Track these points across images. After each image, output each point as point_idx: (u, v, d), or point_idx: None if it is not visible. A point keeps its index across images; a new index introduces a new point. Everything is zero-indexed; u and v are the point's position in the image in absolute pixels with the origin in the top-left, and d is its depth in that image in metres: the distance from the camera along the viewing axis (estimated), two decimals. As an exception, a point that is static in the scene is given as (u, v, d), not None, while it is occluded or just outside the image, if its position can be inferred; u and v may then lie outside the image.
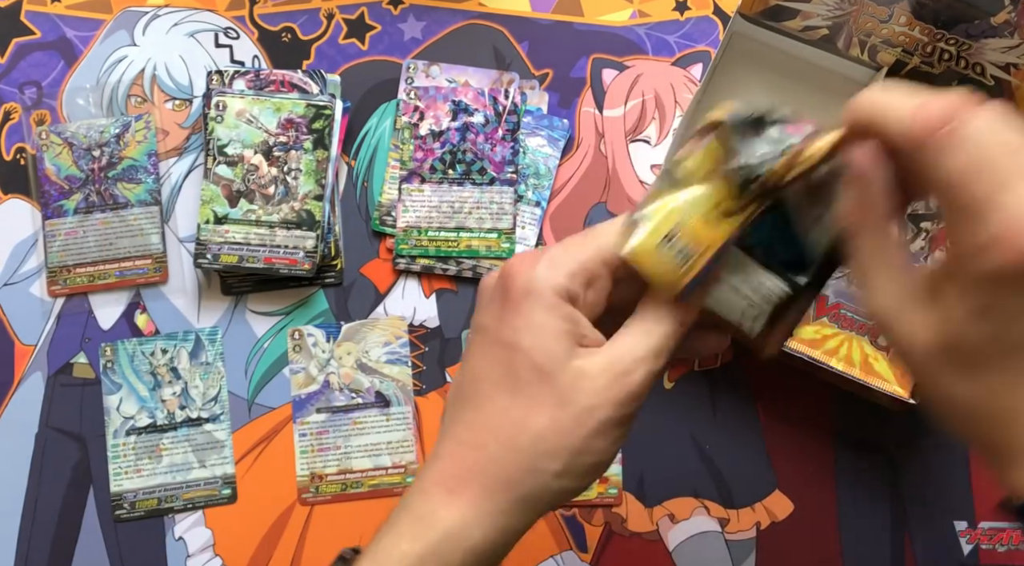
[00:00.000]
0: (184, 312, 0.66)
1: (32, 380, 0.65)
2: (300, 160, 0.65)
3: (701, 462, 0.65)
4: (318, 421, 0.65)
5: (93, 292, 0.66)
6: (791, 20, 0.64)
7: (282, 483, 0.64)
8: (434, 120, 0.67)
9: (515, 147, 0.67)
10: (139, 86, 0.69)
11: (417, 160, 0.67)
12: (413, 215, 0.67)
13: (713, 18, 0.70)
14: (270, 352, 0.66)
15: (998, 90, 0.62)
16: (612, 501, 0.64)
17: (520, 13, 0.70)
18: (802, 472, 0.65)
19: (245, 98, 0.66)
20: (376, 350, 0.66)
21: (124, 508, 0.64)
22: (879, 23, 0.62)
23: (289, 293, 0.67)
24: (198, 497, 0.64)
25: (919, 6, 0.59)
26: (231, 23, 0.70)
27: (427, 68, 0.69)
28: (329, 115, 0.66)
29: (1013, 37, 0.58)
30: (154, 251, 0.67)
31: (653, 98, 0.69)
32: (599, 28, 0.70)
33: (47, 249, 0.66)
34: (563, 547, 0.64)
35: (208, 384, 0.65)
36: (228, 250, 0.64)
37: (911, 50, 0.62)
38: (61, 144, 0.67)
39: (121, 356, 0.65)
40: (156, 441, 0.65)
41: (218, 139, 0.65)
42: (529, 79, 0.69)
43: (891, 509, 0.65)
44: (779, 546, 0.64)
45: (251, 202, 0.65)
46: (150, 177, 0.67)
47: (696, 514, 0.64)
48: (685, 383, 0.66)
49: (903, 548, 0.64)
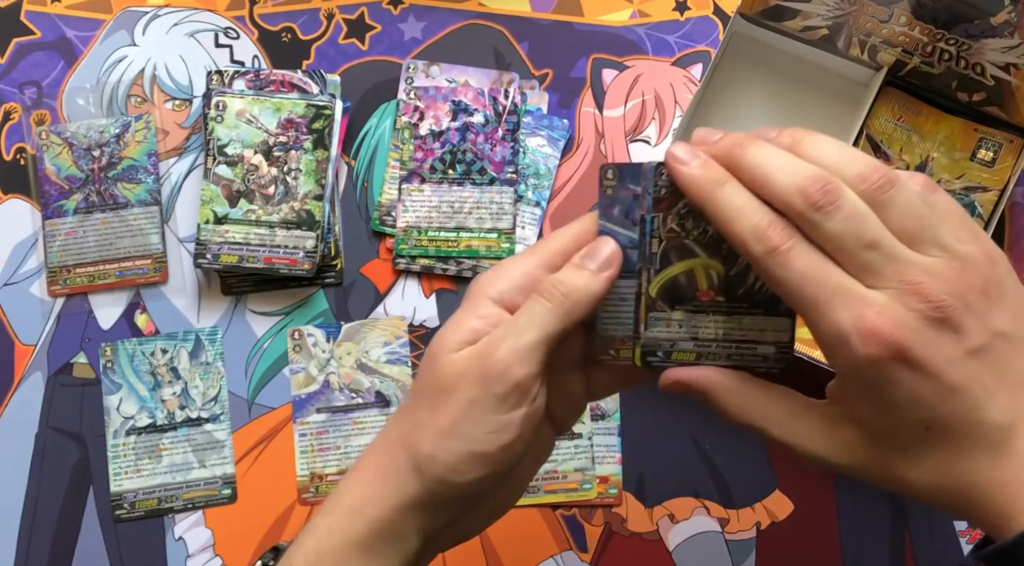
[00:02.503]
0: (184, 312, 0.66)
1: (32, 380, 0.65)
2: (300, 160, 0.65)
3: (701, 462, 0.65)
4: (318, 421, 0.65)
5: (93, 292, 0.66)
6: (791, 20, 0.64)
7: (282, 483, 0.64)
8: (434, 120, 0.68)
9: (515, 147, 0.67)
10: (139, 86, 0.69)
11: (417, 160, 0.67)
12: (413, 215, 0.67)
13: (713, 18, 0.70)
14: (270, 352, 0.66)
15: (998, 90, 0.62)
16: (612, 501, 0.64)
17: (520, 13, 0.70)
18: (802, 472, 0.65)
19: (245, 98, 0.66)
20: (376, 350, 0.66)
21: (124, 508, 0.64)
22: (879, 23, 0.61)
23: (289, 293, 0.67)
24: (198, 497, 0.64)
25: (919, 6, 0.59)
26: (231, 23, 0.70)
27: (427, 68, 0.69)
28: (329, 115, 0.66)
29: (1013, 37, 0.58)
30: (154, 251, 0.67)
31: (653, 98, 0.69)
32: (599, 28, 0.70)
33: (47, 249, 0.66)
34: (563, 547, 0.64)
35: (208, 384, 0.65)
36: (228, 250, 0.64)
37: (911, 50, 0.62)
38: (61, 144, 0.67)
39: (121, 356, 0.65)
40: (156, 441, 0.65)
41: (218, 139, 0.65)
42: (529, 79, 0.69)
43: (891, 509, 0.65)
44: (779, 546, 0.64)
45: (251, 202, 0.65)
46: (150, 177, 0.67)
47: (696, 514, 0.64)
48: (685, 383, 0.66)
49: (903, 548, 0.64)
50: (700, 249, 0.40)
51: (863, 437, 0.37)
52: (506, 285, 0.41)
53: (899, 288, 0.34)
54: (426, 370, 0.41)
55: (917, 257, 0.35)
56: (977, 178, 0.63)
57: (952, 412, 0.35)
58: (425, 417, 0.40)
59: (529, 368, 0.39)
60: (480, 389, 0.39)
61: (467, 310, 0.41)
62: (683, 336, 0.41)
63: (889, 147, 0.64)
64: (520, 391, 0.39)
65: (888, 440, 0.37)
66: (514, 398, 0.39)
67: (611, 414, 0.65)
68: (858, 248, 0.35)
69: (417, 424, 0.41)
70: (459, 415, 0.39)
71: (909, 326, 0.34)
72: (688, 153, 0.38)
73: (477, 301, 0.41)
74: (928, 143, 0.64)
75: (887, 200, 0.35)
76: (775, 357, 0.41)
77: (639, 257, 0.41)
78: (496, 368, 0.39)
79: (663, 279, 0.41)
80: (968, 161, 0.64)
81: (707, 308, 0.41)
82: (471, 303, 0.41)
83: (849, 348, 0.35)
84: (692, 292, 0.41)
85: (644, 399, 0.65)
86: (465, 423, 0.39)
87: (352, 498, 0.42)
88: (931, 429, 0.36)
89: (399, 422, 0.43)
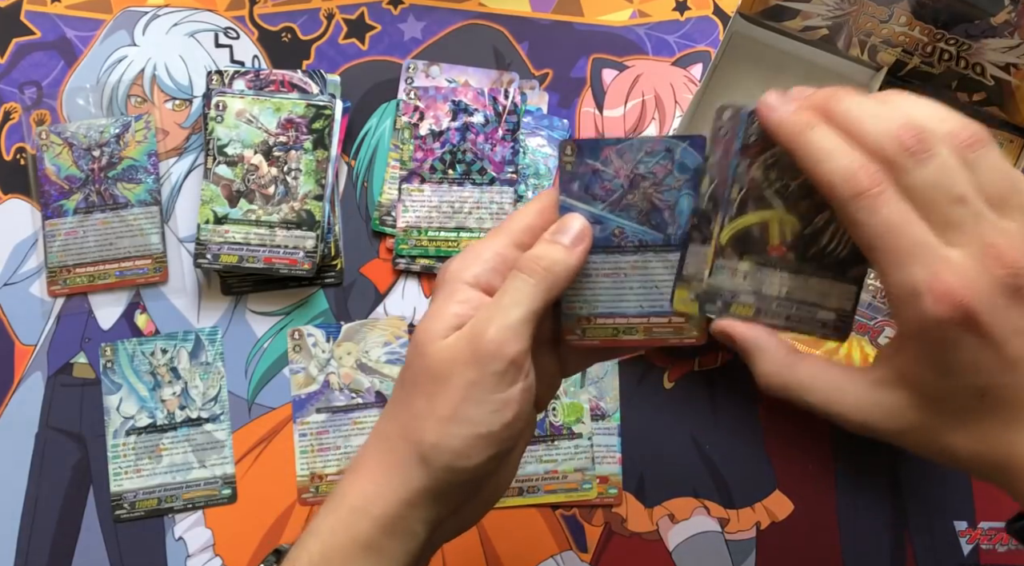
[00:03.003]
0: (184, 312, 0.66)
1: (32, 380, 0.65)
2: (300, 160, 0.65)
3: (701, 462, 0.65)
4: (318, 421, 0.65)
5: (93, 292, 0.66)
6: (791, 20, 0.64)
7: (282, 483, 0.64)
8: (434, 120, 0.68)
9: (515, 147, 0.67)
10: (139, 86, 0.69)
11: (417, 160, 0.67)
12: (413, 215, 0.67)
13: (713, 18, 0.70)
14: (270, 352, 0.66)
15: (998, 90, 0.62)
16: (612, 501, 0.64)
17: (520, 13, 0.70)
18: (802, 472, 0.65)
19: (245, 98, 0.66)
20: (376, 350, 0.66)
21: (124, 508, 0.64)
22: (879, 23, 0.62)
23: (289, 293, 0.67)
24: (198, 497, 0.64)
25: (919, 6, 0.59)
26: (231, 23, 0.70)
27: (427, 68, 0.69)
28: (329, 115, 0.66)
29: (1013, 37, 0.58)
30: (154, 251, 0.67)
31: (653, 98, 0.69)
32: (599, 28, 0.70)
33: (47, 249, 0.66)
34: (563, 547, 0.64)
35: (208, 384, 0.65)
36: (228, 250, 0.64)
37: (911, 50, 0.62)
38: (61, 144, 0.67)
39: (121, 356, 0.65)
40: (156, 441, 0.65)
41: (218, 139, 0.65)
42: (529, 79, 0.69)
43: (891, 509, 0.65)
44: (779, 546, 0.64)
45: (251, 202, 0.65)
46: (150, 177, 0.67)
47: (696, 514, 0.64)
48: (685, 383, 0.66)
49: (903, 548, 0.64)
50: (780, 201, 0.39)
51: (914, 400, 0.37)
52: (480, 268, 0.41)
53: (979, 248, 0.34)
54: (415, 361, 0.41)
55: (1001, 220, 0.35)
56: (977, 178, 0.63)
57: (1009, 383, 0.35)
58: (423, 407, 0.40)
59: (521, 343, 0.39)
60: (476, 371, 0.39)
61: (446, 297, 0.41)
62: (746, 288, 0.40)
63: (889, 147, 0.64)
64: (516, 367, 0.39)
65: (939, 404, 0.37)
66: (511, 375, 0.39)
67: (611, 414, 0.65)
68: (946, 201, 0.34)
69: (415, 415, 0.40)
70: (459, 399, 0.39)
71: (983, 291, 0.34)
72: (781, 99, 0.38)
73: (454, 287, 0.41)
74: (928, 143, 0.64)
75: (976, 159, 0.35)
76: (834, 324, 0.41)
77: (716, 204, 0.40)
78: (489, 348, 0.39)
79: (736, 227, 0.40)
80: (968, 161, 0.64)
81: (776, 263, 0.40)
82: (448, 290, 0.41)
83: (919, 305, 0.34)
84: (763, 245, 0.40)
85: (644, 399, 0.65)
86: (466, 406, 0.39)
87: (355, 497, 0.41)
88: (985, 397, 0.35)
89: (394, 416, 0.42)
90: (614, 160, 0.42)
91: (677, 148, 0.42)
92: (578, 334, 0.43)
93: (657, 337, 0.43)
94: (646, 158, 0.42)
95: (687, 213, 0.42)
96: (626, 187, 0.42)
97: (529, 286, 0.40)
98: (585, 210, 0.42)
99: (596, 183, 0.42)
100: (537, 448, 0.64)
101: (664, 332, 0.43)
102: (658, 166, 0.42)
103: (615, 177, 0.42)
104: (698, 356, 0.66)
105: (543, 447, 0.64)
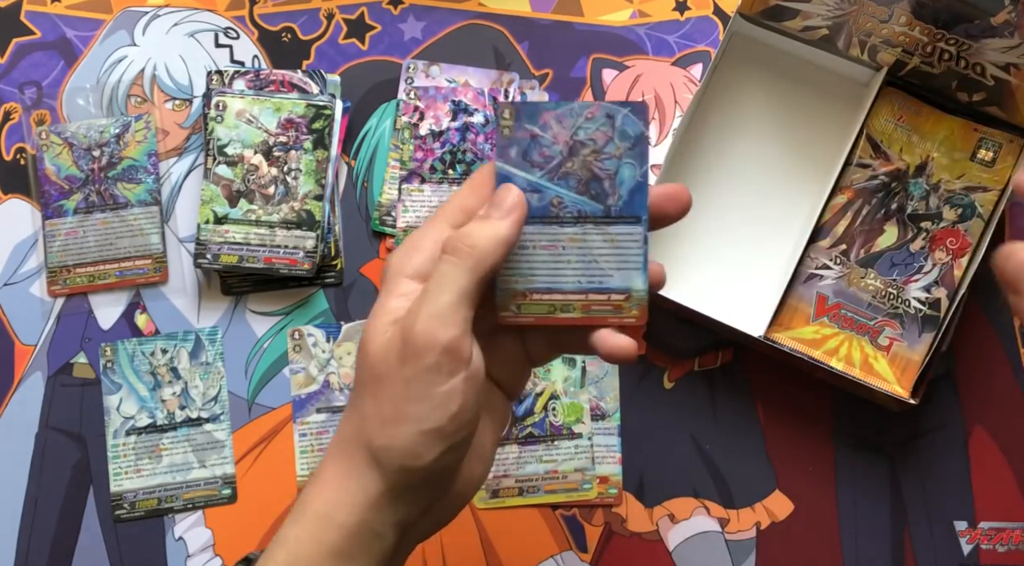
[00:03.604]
0: (184, 312, 0.66)
1: (32, 380, 0.65)
2: (300, 160, 0.65)
3: (701, 462, 0.65)
4: (318, 421, 0.65)
5: (93, 292, 0.66)
6: (791, 20, 0.64)
7: (282, 483, 0.64)
8: (434, 120, 0.68)
9: (515, 147, 0.67)
10: (139, 86, 0.69)
11: (417, 160, 0.67)
12: (413, 215, 0.67)
13: (713, 18, 0.70)
14: (270, 352, 0.66)
15: (998, 90, 0.62)
16: (612, 501, 0.64)
17: (520, 13, 0.70)
18: (802, 472, 0.65)
19: (245, 98, 0.66)
20: (376, 350, 0.66)
21: (124, 508, 0.64)
22: (879, 23, 0.62)
23: (289, 293, 0.67)
24: (198, 497, 0.64)
25: (919, 6, 0.59)
26: (231, 23, 0.70)
27: (427, 68, 0.69)
28: (329, 115, 0.66)
29: (1013, 37, 0.58)
30: (154, 251, 0.67)
31: (653, 98, 0.69)
32: (599, 28, 0.70)
33: (47, 249, 0.66)
34: (563, 547, 0.64)
35: (208, 384, 0.65)
36: (228, 250, 0.64)
37: (911, 50, 0.62)
38: (61, 144, 0.67)
39: (121, 356, 0.65)
40: (156, 441, 0.65)
41: (218, 139, 0.65)
42: (529, 79, 0.69)
43: (891, 509, 0.65)
44: (779, 546, 0.64)
45: (251, 202, 0.65)
46: (150, 177, 0.67)
47: (696, 514, 0.64)
48: (685, 383, 0.66)
49: (903, 548, 0.64)
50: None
51: None
52: (419, 258, 0.40)
53: None
54: (360, 361, 0.40)
55: None
56: (977, 178, 0.63)
57: None
58: (370, 409, 0.39)
59: (453, 329, 0.38)
60: (411, 366, 0.38)
61: (387, 292, 0.40)
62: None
63: (889, 147, 0.64)
64: (451, 356, 0.38)
65: None
66: (448, 365, 0.38)
67: (611, 414, 0.65)
68: None
69: (364, 417, 0.40)
70: (398, 398, 0.38)
71: None
72: None
73: (395, 281, 0.40)
74: (928, 143, 0.64)
75: None
76: None
77: None
78: (419, 339, 0.38)
79: None
80: (968, 161, 0.64)
81: None
82: (390, 285, 0.40)
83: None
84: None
85: (644, 399, 0.65)
86: (407, 404, 0.38)
87: (319, 504, 0.41)
88: None
89: (348, 419, 0.41)
90: (553, 125, 0.41)
91: (618, 114, 0.40)
92: (513, 310, 0.41)
93: (596, 315, 0.41)
94: (586, 124, 0.41)
95: (628, 184, 0.41)
96: (565, 154, 0.41)
97: (454, 267, 0.38)
98: (522, 178, 0.40)
99: (535, 149, 0.40)
100: (537, 448, 0.64)
101: (603, 310, 0.41)
102: (598, 133, 0.41)
103: (554, 143, 0.41)
104: (698, 356, 0.66)
105: (543, 447, 0.64)
